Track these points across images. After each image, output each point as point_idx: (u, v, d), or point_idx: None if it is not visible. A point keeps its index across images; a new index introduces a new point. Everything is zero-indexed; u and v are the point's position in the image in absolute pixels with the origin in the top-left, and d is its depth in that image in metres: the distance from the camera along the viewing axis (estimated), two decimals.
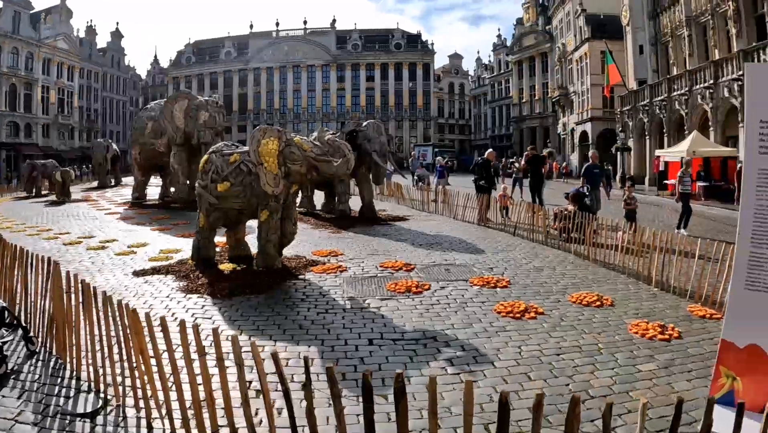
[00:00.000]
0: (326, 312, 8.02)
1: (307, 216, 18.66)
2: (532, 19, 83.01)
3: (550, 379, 5.75)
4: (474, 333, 7.14)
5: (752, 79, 4.98)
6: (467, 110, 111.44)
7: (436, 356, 6.31)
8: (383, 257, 11.92)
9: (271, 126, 10.84)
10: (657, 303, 8.98)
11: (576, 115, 65.54)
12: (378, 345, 6.64)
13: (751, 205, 4.87)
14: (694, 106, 36.60)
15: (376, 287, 9.50)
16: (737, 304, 4.99)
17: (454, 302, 8.60)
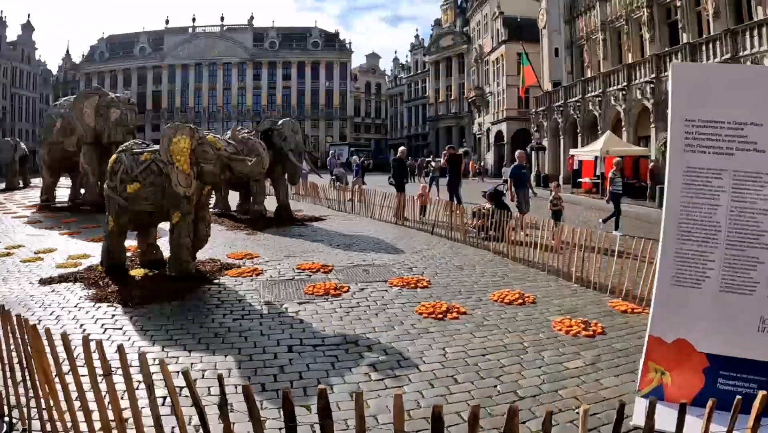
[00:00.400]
0: (243, 318, 7.63)
1: (222, 217, 18.09)
2: (450, 21, 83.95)
3: (477, 381, 5.61)
4: (396, 336, 6.94)
5: (677, 78, 4.98)
6: (384, 110, 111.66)
7: (359, 362, 6.05)
8: (300, 259, 11.60)
9: (183, 123, 10.24)
10: (579, 299, 9.07)
11: (492, 115, 66.55)
12: (298, 352, 6.33)
13: (677, 203, 4.89)
14: (608, 107, 37.99)
15: (294, 290, 9.18)
16: (664, 300, 5.02)
17: (374, 304, 8.38)
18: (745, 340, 4.84)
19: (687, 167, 4.85)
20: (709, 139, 4.81)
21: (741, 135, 4.76)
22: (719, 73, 5.26)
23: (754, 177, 4.74)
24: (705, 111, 4.82)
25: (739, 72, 5.23)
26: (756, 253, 4.78)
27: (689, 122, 4.84)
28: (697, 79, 4.98)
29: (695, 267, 4.90)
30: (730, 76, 5.05)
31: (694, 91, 4.88)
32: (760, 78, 5.00)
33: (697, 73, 5.23)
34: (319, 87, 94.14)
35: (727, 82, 4.87)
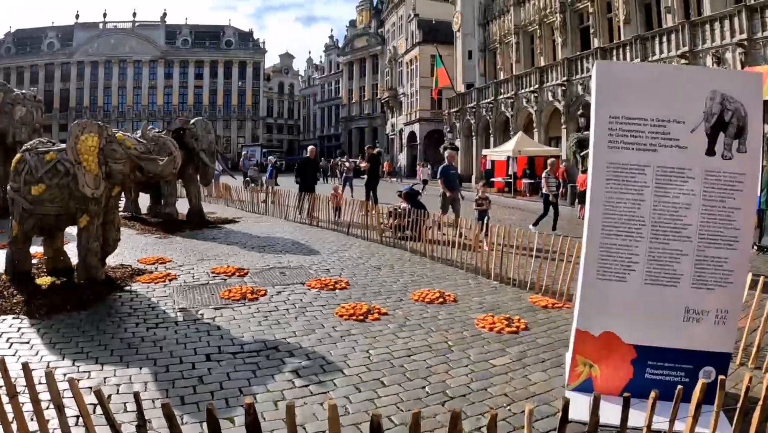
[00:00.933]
0: (157, 327, 7.16)
1: (132, 221, 17.30)
2: (365, 22, 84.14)
3: (404, 383, 5.48)
4: (318, 339, 6.71)
5: (601, 76, 5.02)
6: (297, 110, 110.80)
7: (281, 368, 5.79)
8: (214, 262, 11.17)
9: (91, 121, 9.55)
10: (499, 296, 9.11)
11: (405, 116, 67.17)
12: (217, 361, 5.99)
13: (601, 198, 4.95)
14: (520, 108, 39.22)
15: (209, 295, 8.77)
16: (590, 293, 5.09)
17: (293, 307, 8.11)
18: (671, 330, 5.00)
19: (611, 163, 4.92)
20: (633, 136, 4.90)
21: (664, 132, 4.87)
22: (642, 72, 5.36)
23: (677, 173, 4.87)
24: (629, 108, 4.90)
25: (661, 70, 5.30)
26: (679, 246, 4.92)
27: (613, 119, 4.91)
28: (620, 77, 5.05)
29: (620, 261, 5.00)
30: (653, 74, 5.13)
31: (618, 89, 4.95)
32: (682, 76, 5.11)
33: (621, 71, 5.32)
34: (231, 87, 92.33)
35: (650, 80, 4.97)
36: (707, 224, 4.88)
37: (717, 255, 4.91)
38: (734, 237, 4.89)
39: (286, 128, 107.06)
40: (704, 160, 4.85)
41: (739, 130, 4.81)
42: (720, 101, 4.81)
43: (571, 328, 5.86)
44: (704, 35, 25.34)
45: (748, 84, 4.99)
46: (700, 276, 4.94)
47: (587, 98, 31.48)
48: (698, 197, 4.86)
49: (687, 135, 4.84)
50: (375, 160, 20.73)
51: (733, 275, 4.94)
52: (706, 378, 4.96)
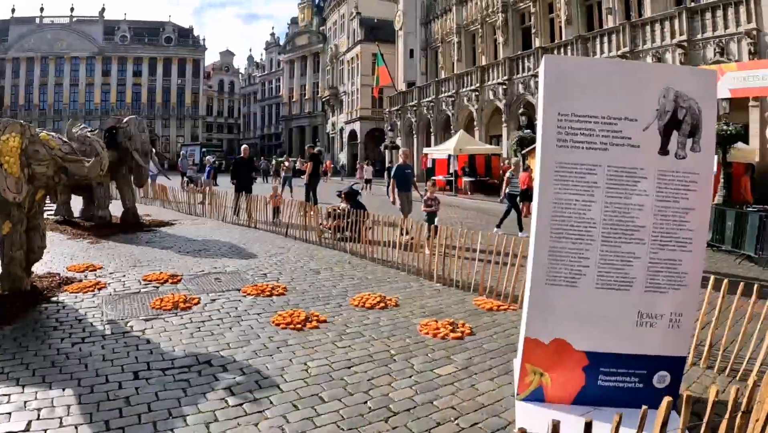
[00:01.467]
0: (83, 342, 6.57)
1: (64, 225, 16.42)
2: (307, 20, 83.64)
3: (345, 398, 5.13)
4: (253, 351, 6.28)
5: (549, 71, 4.76)
6: (237, 109, 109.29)
7: (214, 385, 5.35)
8: (147, 269, 10.55)
9: (13, 120, 8.86)
10: (442, 299, 8.85)
11: (345, 114, 67.01)
12: (145, 378, 5.49)
13: (550, 199, 4.72)
14: (461, 107, 39.60)
15: (140, 305, 8.18)
16: (538, 300, 4.87)
17: (227, 317, 7.65)
18: (624, 335, 4.84)
19: (559, 163, 4.70)
20: (583, 134, 4.68)
21: (615, 130, 4.67)
22: (593, 67, 5.10)
23: (629, 172, 4.69)
24: (578, 105, 4.67)
25: (613, 66, 5.12)
26: (631, 248, 4.74)
27: (562, 117, 4.68)
28: (570, 72, 4.79)
29: (570, 265, 4.79)
30: (604, 70, 4.92)
31: (567, 85, 4.71)
32: (635, 72, 4.89)
33: (571, 66, 5.01)
34: (171, 85, 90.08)
35: (601, 76, 4.76)
36: (660, 226, 4.71)
37: (671, 257, 4.75)
38: (688, 238, 4.73)
39: (226, 127, 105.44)
40: (657, 160, 4.66)
41: (693, 129, 4.64)
42: (674, 99, 4.63)
43: (518, 331, 5.67)
44: (644, 36, 25.93)
45: (702, 81, 4.82)
46: (654, 279, 4.77)
47: (528, 97, 31.88)
48: (651, 198, 4.68)
49: (639, 133, 4.65)
50: (315, 159, 20.33)
51: (687, 277, 4.78)
52: (660, 383, 4.85)
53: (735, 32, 22.09)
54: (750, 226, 13.95)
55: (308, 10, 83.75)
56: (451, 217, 20.96)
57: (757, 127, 21.37)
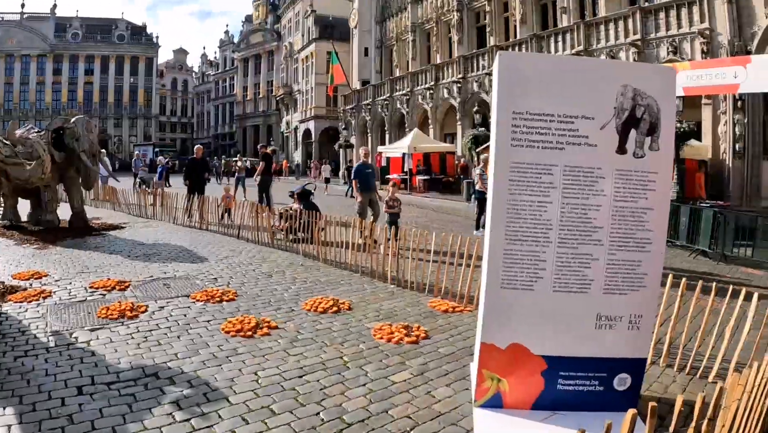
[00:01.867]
0: (26, 355, 6.17)
1: (11, 230, 15.77)
2: (262, 17, 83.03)
3: (297, 409, 4.90)
4: (202, 362, 5.99)
5: (503, 68, 4.60)
6: (190, 108, 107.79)
7: (161, 399, 5.06)
8: (94, 276, 10.09)
9: None
10: (397, 301, 8.67)
11: (300, 113, 66.71)
12: (89, 394, 5.15)
13: (504, 200, 4.59)
14: (415, 105, 39.77)
15: (86, 314, 7.75)
16: (494, 304, 4.73)
17: (175, 325, 7.31)
18: (583, 338, 4.75)
19: (514, 163, 4.56)
20: (538, 133, 4.55)
21: (572, 129, 4.55)
22: (549, 64, 4.94)
23: (586, 172, 4.58)
24: (534, 104, 4.54)
25: (570, 63, 4.97)
26: (589, 250, 4.64)
27: (517, 115, 4.54)
28: (525, 69, 4.64)
29: (526, 268, 4.66)
30: (560, 67, 4.77)
31: (522, 83, 4.57)
32: (592, 69, 4.77)
33: (526, 63, 4.84)
34: (123, 83, 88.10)
35: (557, 73, 4.61)
36: (619, 226, 4.62)
37: (629, 258, 4.67)
38: (647, 239, 4.66)
39: (179, 127, 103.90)
40: (615, 159, 4.56)
41: (651, 127, 4.54)
42: (632, 96, 4.52)
43: (474, 334, 5.53)
44: (599, 35, 26.27)
45: (661, 78, 4.73)
46: (612, 281, 4.68)
47: (483, 95, 32.00)
48: (609, 198, 4.58)
49: (596, 132, 4.53)
50: (267, 159, 19.93)
51: (646, 278, 4.71)
52: (621, 385, 4.77)
53: (688, 32, 22.46)
54: (704, 221, 14.14)
55: (263, 8, 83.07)
56: (406, 216, 20.82)
57: (710, 124, 21.82)
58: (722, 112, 21.39)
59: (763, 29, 20.01)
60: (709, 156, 21.65)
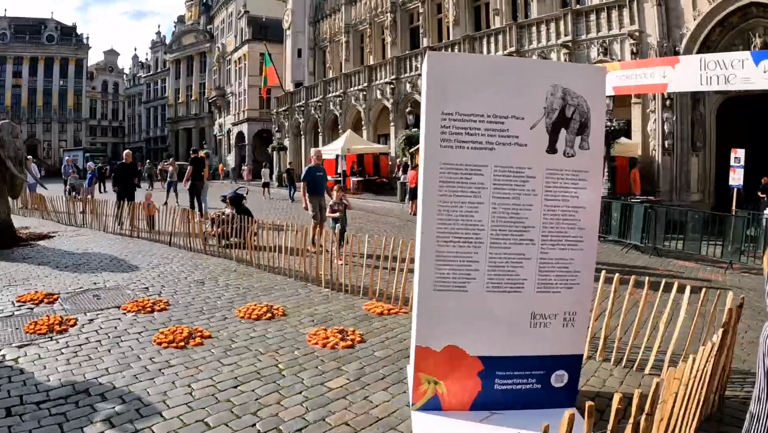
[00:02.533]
0: None
1: None
2: (195, 18, 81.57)
3: (232, 421, 4.76)
4: (134, 376, 5.76)
5: (432, 68, 4.57)
6: (121, 111, 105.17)
7: (92, 417, 4.82)
8: (22, 288, 9.62)
9: None
10: (331, 305, 8.60)
11: (233, 116, 65.97)
12: (19, 414, 4.88)
13: (434, 202, 4.56)
14: (349, 106, 39.82)
15: (13, 329, 7.35)
16: (427, 306, 4.71)
17: (106, 338, 7.00)
18: (518, 338, 4.78)
19: (444, 164, 4.54)
20: (468, 134, 4.54)
21: (502, 129, 4.56)
22: (478, 63, 4.95)
23: (517, 172, 4.60)
24: (463, 104, 4.52)
25: (499, 63, 4.98)
26: (521, 249, 4.67)
27: (446, 115, 4.51)
28: (454, 69, 4.62)
29: (459, 269, 4.65)
30: (490, 67, 4.78)
31: (451, 82, 4.54)
32: (521, 69, 4.78)
33: (455, 63, 4.83)
34: (52, 86, 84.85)
35: (487, 73, 4.62)
36: (550, 225, 4.67)
37: (562, 256, 4.72)
38: (579, 237, 4.71)
39: (110, 131, 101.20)
40: (545, 159, 4.59)
41: (581, 126, 4.58)
42: (561, 96, 4.56)
43: (410, 336, 5.48)
44: (531, 36, 26.66)
45: (590, 78, 4.80)
46: (545, 279, 4.73)
47: (416, 96, 32.16)
48: (540, 197, 4.62)
49: (527, 132, 4.56)
50: (198, 163, 19.44)
51: (579, 275, 4.77)
52: (558, 382, 4.79)
53: (618, 33, 23.01)
54: (635, 216, 14.48)
55: (195, 8, 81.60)
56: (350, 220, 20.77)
57: (639, 122, 22.40)
58: (651, 111, 21.98)
59: (691, 31, 20.66)
60: (639, 153, 22.21)
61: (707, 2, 20.38)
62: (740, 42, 20.04)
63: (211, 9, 77.79)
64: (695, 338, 5.89)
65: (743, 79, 15.06)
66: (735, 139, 18.55)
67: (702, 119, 21.62)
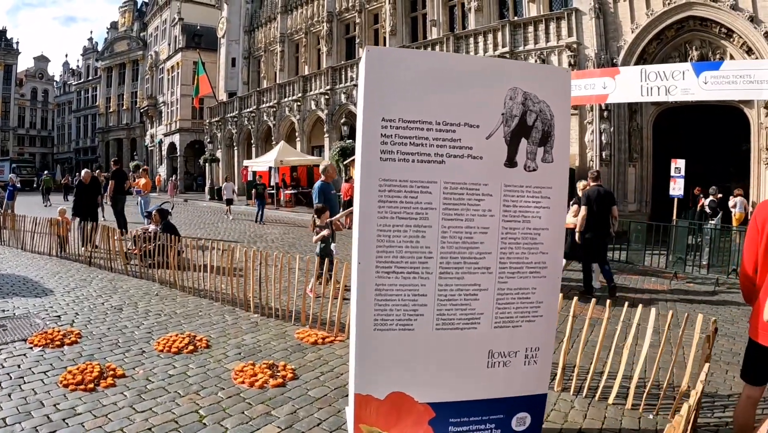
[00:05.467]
0: None
1: None
2: (128, 24, 79.24)
3: None
4: (34, 428, 4.84)
5: (372, 66, 3.83)
6: (51, 120, 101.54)
7: None
8: None
9: None
10: (261, 334, 7.80)
11: (164, 126, 64.22)
12: None
13: (373, 226, 3.84)
14: (282, 117, 39.39)
15: None
16: (367, 349, 3.98)
17: (7, 379, 6.01)
18: (474, 380, 4.15)
19: (384, 180, 3.82)
20: (413, 144, 3.83)
21: (453, 138, 3.86)
22: (427, 62, 4.05)
23: (470, 189, 3.91)
24: (408, 109, 3.81)
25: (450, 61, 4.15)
26: (476, 279, 4.00)
27: (388, 122, 3.79)
28: (398, 67, 3.88)
29: (403, 305, 3.94)
30: (439, 66, 4.00)
31: (394, 83, 3.83)
32: (476, 69, 4.08)
33: (399, 60, 3.99)
34: None
35: (436, 74, 3.90)
36: (509, 250, 4.02)
37: (522, 286, 4.09)
38: (541, 263, 4.09)
39: (39, 140, 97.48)
40: (503, 173, 3.93)
41: (544, 136, 3.95)
42: (522, 101, 3.91)
43: (348, 369, 4.81)
44: (468, 47, 26.64)
45: (555, 80, 4.15)
46: (504, 312, 4.10)
47: (350, 107, 31.89)
48: (497, 219, 3.95)
49: (482, 142, 3.89)
50: (119, 176, 18.01)
51: (542, 306, 4.16)
52: (520, 426, 4.26)
53: (556, 45, 23.17)
54: None
55: (129, 15, 79.40)
56: (271, 234, 20.01)
57: (576, 134, 22.51)
58: (589, 122, 22.24)
59: (629, 43, 20.95)
60: (576, 164, 22.27)
61: (645, 15, 20.72)
62: (677, 54, 20.44)
63: (145, 16, 75.86)
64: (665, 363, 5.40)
65: (684, 90, 15.20)
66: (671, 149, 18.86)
67: (639, 130, 21.90)
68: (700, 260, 13.39)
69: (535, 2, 24.93)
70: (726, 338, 8.11)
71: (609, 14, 21.78)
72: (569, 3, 23.66)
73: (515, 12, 26.30)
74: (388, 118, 3.78)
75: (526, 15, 25.18)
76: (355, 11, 35.33)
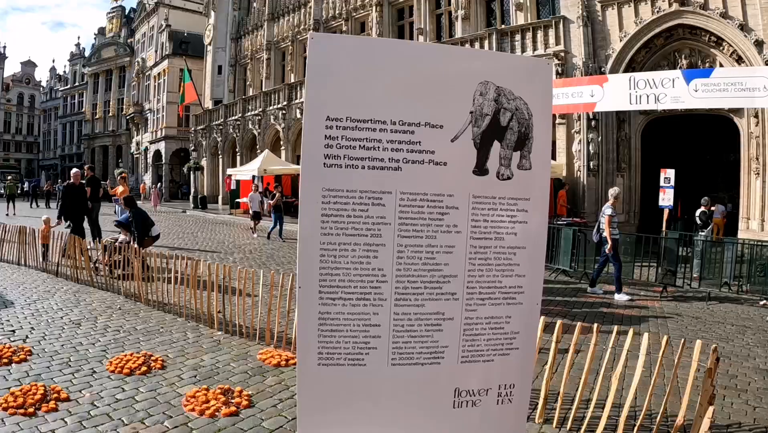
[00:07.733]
0: None
1: None
2: (115, 30, 79.03)
3: None
4: None
5: (317, 54, 3.24)
6: (37, 126, 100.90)
7: None
8: None
9: None
10: (221, 354, 7.25)
11: (150, 133, 63.92)
12: None
13: (315, 245, 3.20)
14: (267, 125, 39.30)
15: None
16: (311, 387, 3.34)
17: None
18: (437, 423, 3.50)
19: (328, 190, 3.19)
20: (364, 148, 3.19)
21: (411, 141, 3.21)
22: (380, 50, 3.46)
23: (432, 201, 3.27)
24: (358, 105, 3.19)
25: (408, 49, 3.56)
26: (439, 307, 3.36)
27: (333, 122, 3.17)
28: (345, 56, 3.26)
29: (352, 336, 3.30)
30: (395, 55, 3.39)
31: (341, 76, 3.22)
32: (439, 60, 3.46)
33: (347, 47, 3.42)
34: None
35: (391, 64, 3.27)
36: (479, 273, 3.39)
37: (494, 314, 3.46)
38: (517, 287, 3.47)
39: (24, 146, 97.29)
40: (472, 182, 3.30)
41: (521, 138, 3.34)
42: (494, 97, 3.29)
43: None
44: None
45: (533, 74, 3.51)
46: (473, 345, 3.46)
47: None
48: (465, 235, 3.33)
49: (447, 146, 3.25)
50: (93, 183, 17.33)
51: (518, 337, 3.54)
52: None
53: (544, 53, 22.91)
54: (564, 240, 14.09)
55: (117, 21, 79.13)
56: (248, 245, 19.47)
57: (564, 144, 22.53)
58: (576, 132, 22.15)
59: (618, 51, 20.85)
60: (564, 174, 22.19)
61: (634, 23, 20.70)
62: (666, 63, 20.32)
63: (132, 22, 75.64)
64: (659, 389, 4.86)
65: (674, 98, 14.89)
66: (659, 159, 18.67)
67: (627, 140, 21.79)
68: (691, 273, 13.04)
69: (522, 10, 25.00)
70: (721, 359, 7.60)
71: (597, 22, 21.75)
72: (557, 11, 23.64)
73: (502, 20, 26.34)
74: (334, 117, 3.17)
75: (513, 23, 25.20)
76: (342, 19, 35.48)
